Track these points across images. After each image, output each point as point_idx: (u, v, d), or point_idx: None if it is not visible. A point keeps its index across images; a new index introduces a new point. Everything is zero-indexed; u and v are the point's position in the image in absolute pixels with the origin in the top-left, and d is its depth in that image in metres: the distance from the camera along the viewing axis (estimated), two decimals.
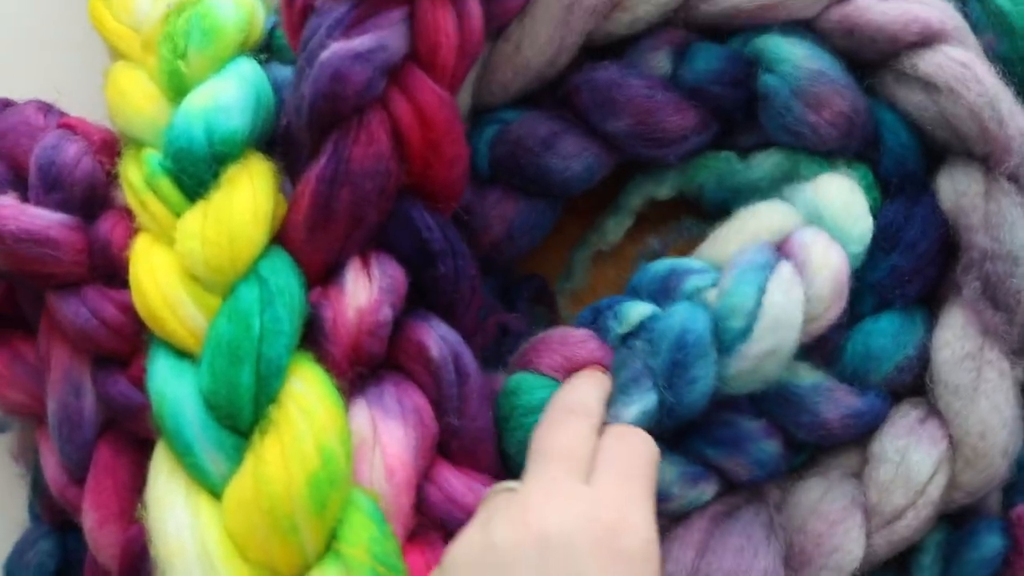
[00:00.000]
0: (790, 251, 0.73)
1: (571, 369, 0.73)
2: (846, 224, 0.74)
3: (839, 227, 0.74)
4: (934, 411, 0.75)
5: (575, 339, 0.74)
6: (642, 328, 0.73)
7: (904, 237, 0.75)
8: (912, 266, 0.76)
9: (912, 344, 0.76)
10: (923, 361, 0.76)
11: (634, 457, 0.66)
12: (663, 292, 0.75)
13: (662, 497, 0.74)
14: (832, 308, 0.72)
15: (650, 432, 0.68)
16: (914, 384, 0.77)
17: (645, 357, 0.72)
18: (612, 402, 0.71)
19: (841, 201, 0.75)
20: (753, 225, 0.75)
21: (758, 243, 0.74)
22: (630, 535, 0.60)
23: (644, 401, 0.71)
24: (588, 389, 0.71)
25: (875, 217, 0.76)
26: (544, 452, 0.66)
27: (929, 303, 0.78)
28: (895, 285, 0.76)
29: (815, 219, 0.75)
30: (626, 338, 0.74)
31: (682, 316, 0.71)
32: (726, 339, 0.71)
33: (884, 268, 0.76)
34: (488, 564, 0.59)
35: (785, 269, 0.72)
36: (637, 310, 0.74)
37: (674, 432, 0.74)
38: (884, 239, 0.76)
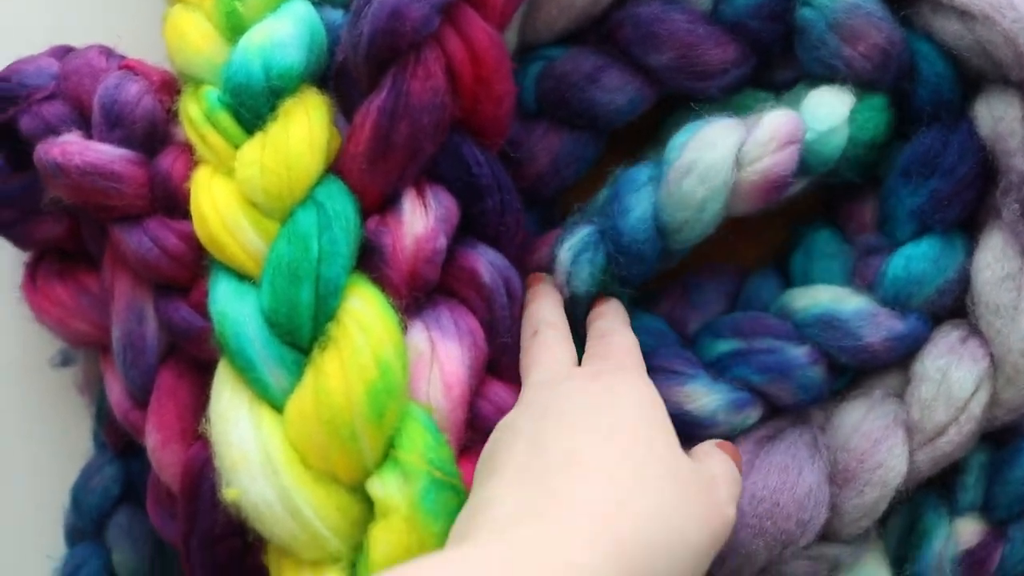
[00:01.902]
0: (749, 119, 0.76)
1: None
2: (816, 108, 0.76)
3: (808, 110, 0.76)
4: (975, 331, 0.76)
5: (546, 237, 0.80)
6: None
7: (942, 163, 0.77)
8: (951, 190, 0.77)
9: (952, 267, 0.77)
10: (963, 284, 0.77)
11: (614, 347, 0.71)
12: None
13: (708, 423, 0.76)
14: (769, 156, 0.74)
15: (615, 277, 0.75)
16: (955, 307, 0.78)
17: (589, 207, 0.78)
18: (555, 244, 0.77)
19: (821, 95, 0.77)
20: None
21: None
22: (622, 389, 0.66)
23: (579, 232, 0.76)
24: (543, 304, 0.76)
25: (896, 139, 0.79)
26: (528, 367, 0.71)
27: (968, 228, 0.79)
28: (935, 210, 0.77)
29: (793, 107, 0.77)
30: None
31: (625, 169, 0.77)
32: (659, 172, 0.75)
33: (923, 193, 0.77)
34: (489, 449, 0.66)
35: (728, 120, 0.75)
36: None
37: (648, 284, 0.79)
38: (923, 165, 0.77)
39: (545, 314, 0.74)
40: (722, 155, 0.74)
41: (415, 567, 0.54)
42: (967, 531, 0.80)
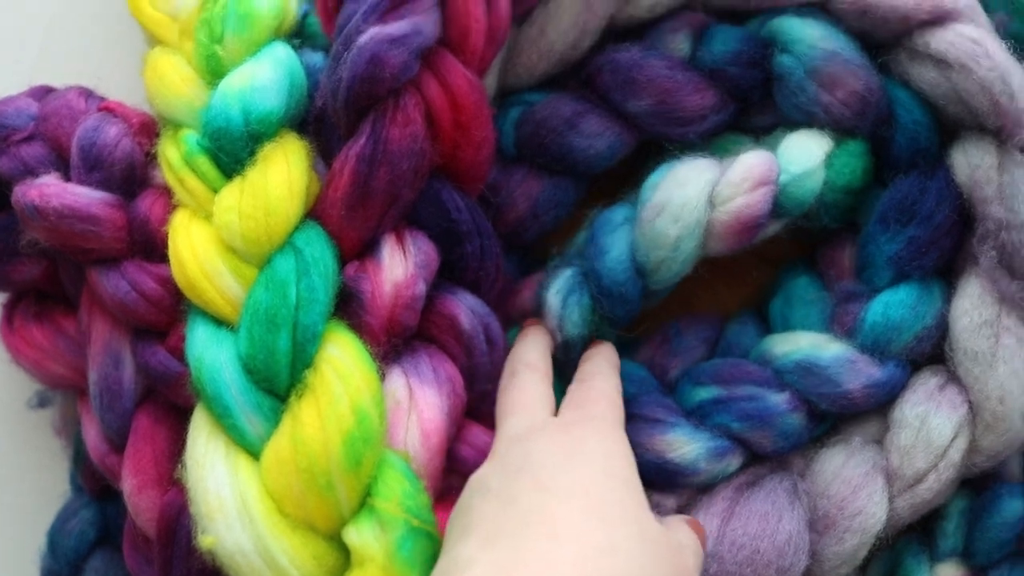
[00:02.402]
0: (725, 160, 0.77)
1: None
2: (791, 150, 0.77)
3: (783, 153, 0.77)
4: (953, 378, 0.77)
5: (528, 281, 0.81)
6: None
7: (920, 210, 0.77)
8: (929, 237, 0.77)
9: (931, 314, 0.77)
10: (941, 331, 0.78)
11: (593, 393, 0.71)
12: None
13: (689, 471, 0.76)
14: (742, 197, 0.75)
15: (602, 318, 0.76)
16: (933, 353, 0.78)
17: (570, 251, 0.79)
18: (539, 289, 0.79)
19: (798, 138, 0.78)
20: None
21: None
22: (592, 443, 0.65)
23: (564, 277, 0.77)
24: (527, 346, 0.76)
25: (874, 186, 0.80)
26: (503, 412, 0.71)
27: (946, 274, 0.79)
28: (912, 257, 0.78)
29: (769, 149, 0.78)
30: None
31: (601, 210, 0.79)
32: (635, 213, 0.76)
33: (901, 240, 0.77)
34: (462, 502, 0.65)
35: (702, 161, 0.76)
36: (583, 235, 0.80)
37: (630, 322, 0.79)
38: (900, 212, 0.77)
39: (526, 355, 0.74)
40: (694, 194, 0.75)
41: None
42: None
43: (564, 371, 0.77)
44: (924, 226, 0.77)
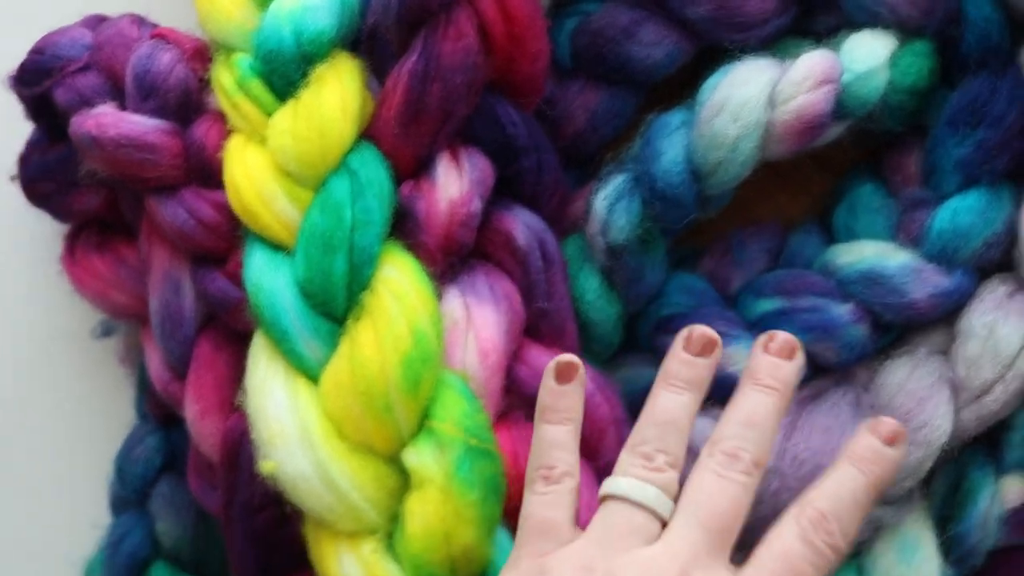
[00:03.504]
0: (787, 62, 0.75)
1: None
2: (854, 50, 0.75)
3: (846, 52, 0.75)
4: (1023, 285, 0.75)
5: (582, 191, 0.79)
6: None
7: (990, 111, 0.74)
8: (999, 140, 0.75)
9: (1000, 220, 0.75)
10: (1011, 237, 0.75)
11: (806, 568, 0.59)
12: None
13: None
14: (804, 95, 0.73)
15: (653, 224, 0.74)
16: (1002, 260, 0.76)
17: (624, 156, 0.77)
18: (590, 196, 0.77)
19: (861, 38, 0.75)
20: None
21: None
22: None
23: (614, 182, 0.76)
24: (765, 427, 0.62)
25: (942, 88, 0.77)
26: (699, 511, 0.59)
27: (1017, 179, 0.77)
28: (982, 161, 0.75)
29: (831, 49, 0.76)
30: None
31: (658, 114, 0.77)
32: (693, 116, 0.74)
33: (970, 143, 0.75)
34: None
35: (762, 60, 0.74)
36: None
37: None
38: (969, 114, 0.75)
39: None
40: (755, 92, 0.73)
41: None
42: (1013, 490, 0.78)
43: (611, 278, 0.76)
44: (994, 128, 0.75)
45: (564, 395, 0.64)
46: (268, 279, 0.70)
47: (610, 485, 0.61)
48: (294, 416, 0.67)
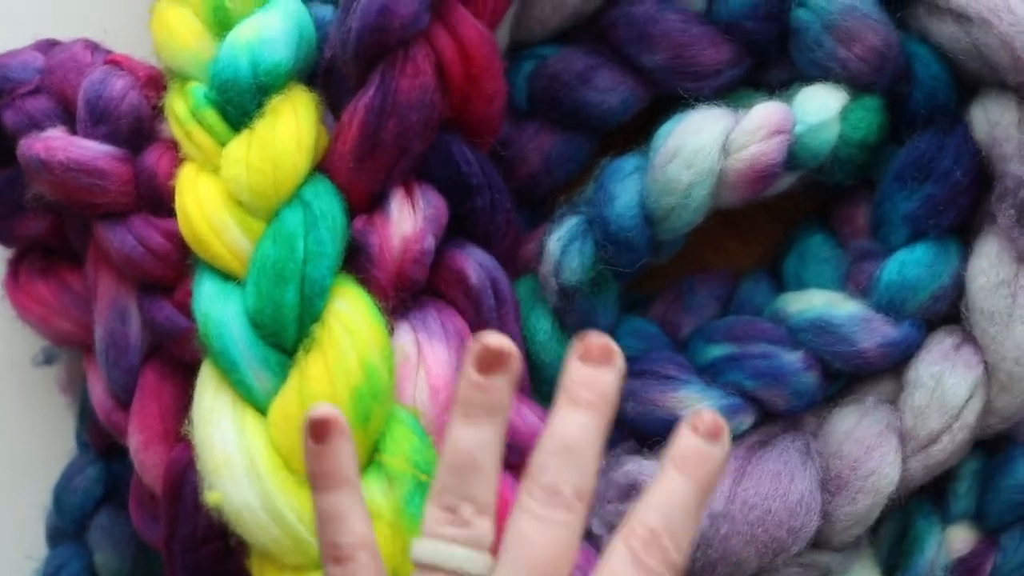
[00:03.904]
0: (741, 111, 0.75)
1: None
2: (806, 102, 0.75)
3: (799, 104, 0.75)
4: (969, 337, 0.76)
5: (535, 233, 0.79)
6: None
7: (937, 167, 0.76)
8: (946, 196, 0.76)
9: (947, 273, 0.76)
10: (958, 290, 0.76)
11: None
12: None
13: None
14: (756, 145, 0.73)
15: (605, 267, 0.74)
16: (949, 313, 0.77)
17: (575, 204, 0.77)
18: (543, 238, 0.77)
19: (814, 90, 0.76)
20: None
21: None
22: None
23: (567, 224, 0.76)
24: (585, 454, 0.55)
25: (890, 143, 0.78)
26: (519, 560, 0.54)
27: (963, 233, 0.78)
28: (929, 215, 0.76)
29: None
30: None
31: (612, 159, 0.77)
32: (647, 161, 0.75)
33: (917, 198, 0.76)
34: None
35: (716, 109, 0.75)
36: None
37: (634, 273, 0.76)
38: (917, 170, 0.76)
39: (579, 473, 0.55)
40: (708, 140, 0.73)
41: None
42: (959, 539, 0.80)
43: (562, 320, 0.77)
44: (941, 184, 0.76)
45: (331, 451, 0.57)
46: (218, 309, 0.69)
47: (417, 551, 0.55)
48: (241, 447, 0.66)
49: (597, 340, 0.56)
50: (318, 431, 0.56)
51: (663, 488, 0.55)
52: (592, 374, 0.56)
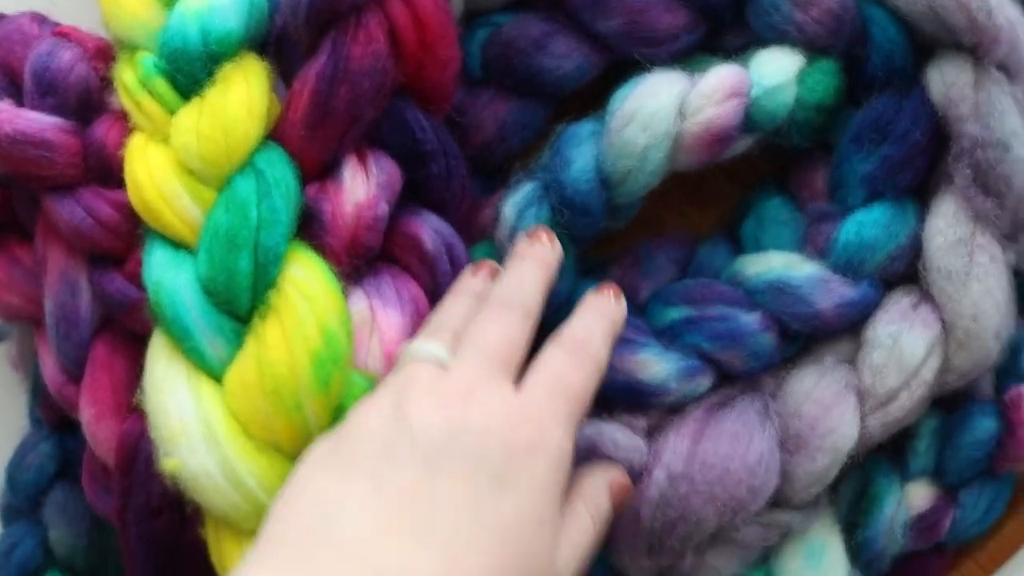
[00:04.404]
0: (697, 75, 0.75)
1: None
2: (762, 65, 0.75)
3: (755, 67, 0.75)
4: (927, 297, 0.76)
5: (492, 199, 0.79)
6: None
7: (894, 129, 0.76)
8: (903, 156, 0.76)
9: (904, 233, 0.76)
10: (915, 250, 0.76)
11: (572, 376, 0.64)
12: None
13: (659, 391, 0.75)
14: (712, 108, 0.74)
15: (562, 232, 0.73)
16: (906, 273, 0.77)
17: (532, 170, 0.77)
18: (499, 203, 0.77)
19: (770, 54, 0.76)
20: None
21: None
22: (543, 454, 0.59)
23: (523, 190, 0.75)
24: (529, 282, 0.68)
25: (848, 106, 0.78)
26: (477, 344, 0.63)
27: (920, 194, 0.78)
28: (886, 176, 0.76)
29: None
30: None
31: (568, 125, 0.77)
32: (603, 125, 0.74)
33: (875, 159, 0.76)
34: (395, 440, 0.58)
35: (672, 73, 0.75)
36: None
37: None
38: (874, 131, 0.76)
39: (529, 293, 0.67)
40: (664, 103, 0.73)
41: None
42: (918, 496, 0.80)
43: None
44: (898, 145, 0.76)
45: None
46: (169, 277, 0.68)
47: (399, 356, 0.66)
48: (197, 414, 0.65)
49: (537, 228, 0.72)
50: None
51: (584, 315, 0.69)
52: (530, 242, 0.71)
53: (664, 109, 0.73)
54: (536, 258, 0.69)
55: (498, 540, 0.56)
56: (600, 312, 0.69)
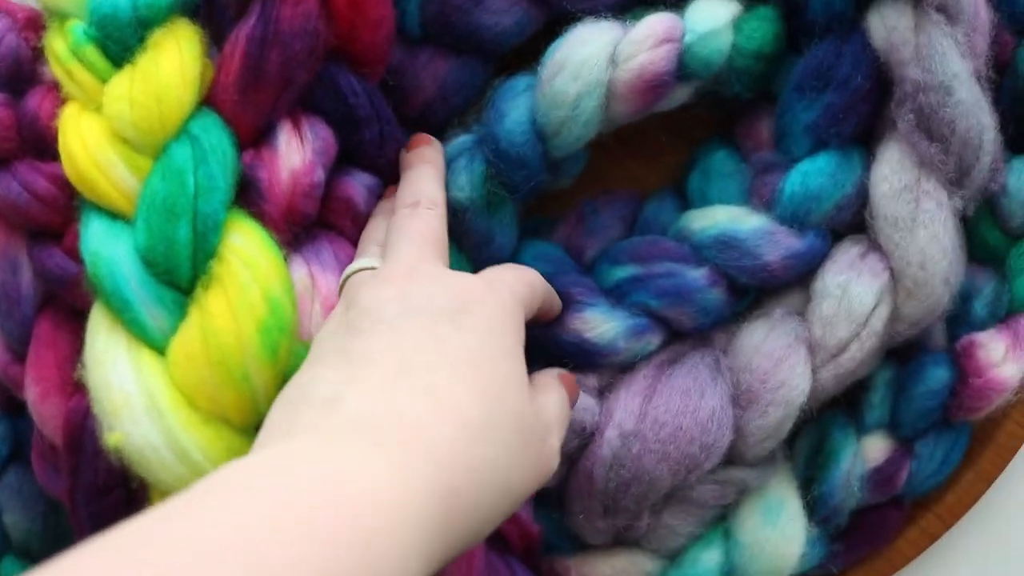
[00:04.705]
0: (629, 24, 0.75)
1: None
2: (696, 12, 0.75)
3: (689, 15, 0.75)
4: (874, 245, 0.75)
5: None
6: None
7: (836, 75, 0.75)
8: (846, 103, 0.75)
9: (850, 182, 0.76)
10: (862, 199, 0.76)
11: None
12: None
13: (608, 351, 0.75)
14: (644, 54, 0.73)
15: (498, 184, 0.74)
16: (854, 222, 0.77)
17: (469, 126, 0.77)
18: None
19: (703, 3, 0.75)
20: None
21: None
22: (491, 299, 0.62)
23: (458, 141, 0.76)
24: (423, 173, 0.72)
25: (789, 54, 0.78)
26: (402, 237, 0.66)
27: (865, 142, 0.77)
28: (830, 124, 0.76)
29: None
30: None
31: (501, 82, 0.77)
32: (536, 76, 0.74)
33: (818, 107, 0.76)
34: (352, 322, 0.60)
35: (604, 22, 0.74)
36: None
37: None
38: (816, 79, 0.75)
39: (428, 188, 0.71)
40: (595, 51, 0.72)
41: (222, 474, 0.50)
42: (874, 449, 0.80)
43: (460, 242, 0.76)
44: (841, 92, 0.75)
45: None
46: (107, 248, 0.66)
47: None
48: (140, 386, 0.64)
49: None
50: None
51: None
52: (418, 150, 0.74)
53: (594, 57, 0.72)
54: (422, 159, 0.73)
55: (470, 364, 0.58)
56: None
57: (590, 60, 0.72)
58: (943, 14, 0.73)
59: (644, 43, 0.72)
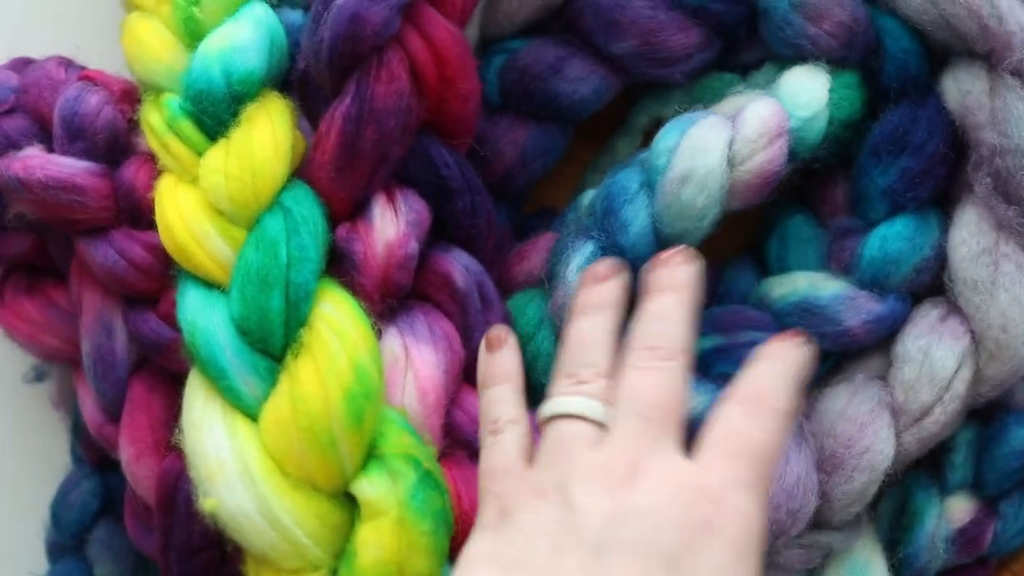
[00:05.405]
0: (732, 114, 0.75)
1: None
2: (795, 93, 0.75)
3: (788, 96, 0.75)
4: (954, 308, 0.76)
5: (535, 243, 0.79)
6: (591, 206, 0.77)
7: (912, 139, 0.76)
8: (922, 167, 0.76)
9: (928, 245, 0.76)
10: (940, 261, 0.77)
11: (754, 433, 0.57)
12: None
13: (696, 425, 0.75)
14: (761, 153, 0.73)
15: None
16: (932, 285, 0.77)
17: (585, 220, 0.76)
18: (555, 262, 0.75)
19: (797, 78, 0.76)
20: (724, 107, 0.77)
21: None
22: (721, 532, 0.53)
23: (582, 251, 0.74)
24: (675, 319, 0.61)
25: (865, 118, 0.78)
26: (633, 402, 0.58)
27: (942, 204, 0.78)
28: (907, 188, 0.76)
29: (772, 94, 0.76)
30: None
31: (613, 174, 0.76)
32: (651, 178, 0.74)
33: (894, 172, 0.76)
34: (560, 529, 0.54)
35: (713, 118, 0.74)
36: (590, 195, 0.77)
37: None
38: (892, 143, 0.76)
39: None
40: (716, 159, 0.73)
41: None
42: (958, 510, 0.80)
43: None
44: (917, 156, 0.76)
45: (497, 359, 0.66)
46: (203, 317, 0.69)
47: (541, 410, 0.60)
48: (234, 453, 0.66)
49: (676, 251, 0.63)
50: (494, 342, 0.67)
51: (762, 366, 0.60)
52: (669, 270, 0.62)
53: (717, 165, 0.73)
54: (677, 287, 0.62)
55: None
56: (783, 358, 0.60)
57: (714, 171, 0.73)
58: (1018, 78, 0.74)
59: (759, 142, 0.73)
